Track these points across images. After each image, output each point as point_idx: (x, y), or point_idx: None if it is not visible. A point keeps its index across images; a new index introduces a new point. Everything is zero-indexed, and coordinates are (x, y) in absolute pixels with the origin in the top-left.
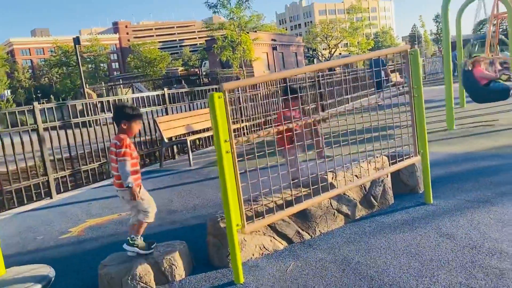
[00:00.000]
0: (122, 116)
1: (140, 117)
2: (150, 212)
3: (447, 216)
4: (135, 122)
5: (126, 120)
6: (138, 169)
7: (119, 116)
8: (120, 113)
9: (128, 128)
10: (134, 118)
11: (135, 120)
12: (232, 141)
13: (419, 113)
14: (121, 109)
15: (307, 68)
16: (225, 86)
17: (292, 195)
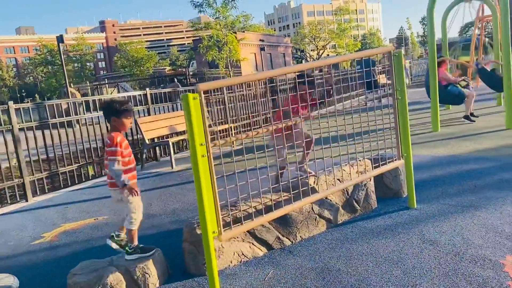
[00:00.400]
0: (111, 112)
1: (130, 112)
2: (134, 219)
3: (430, 221)
4: (125, 118)
5: (115, 116)
6: (132, 167)
7: (107, 112)
8: (109, 109)
9: (118, 124)
10: (123, 113)
11: (125, 115)
12: (209, 144)
13: (403, 116)
14: (109, 105)
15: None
16: (201, 87)
17: (272, 200)
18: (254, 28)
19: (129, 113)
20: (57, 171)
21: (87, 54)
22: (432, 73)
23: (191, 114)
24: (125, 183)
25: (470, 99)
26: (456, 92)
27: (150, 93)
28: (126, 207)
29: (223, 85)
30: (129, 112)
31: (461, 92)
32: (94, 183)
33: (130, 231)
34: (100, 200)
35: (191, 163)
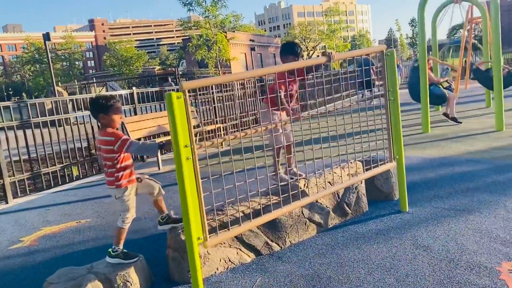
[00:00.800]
0: (98, 109)
1: (119, 108)
2: (127, 217)
3: (423, 226)
4: (114, 114)
5: (103, 113)
6: (129, 164)
7: (95, 109)
8: (96, 105)
9: (108, 121)
10: (111, 109)
11: (114, 111)
12: (194, 146)
13: (395, 117)
14: (96, 101)
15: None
16: (185, 85)
17: (260, 203)
18: (244, 28)
19: (118, 109)
20: (39, 172)
21: (76, 53)
22: (422, 74)
23: (174, 114)
24: (158, 145)
25: (452, 101)
26: (438, 93)
27: (137, 92)
28: (121, 205)
29: (208, 83)
30: (117, 108)
31: (443, 93)
32: (78, 184)
33: (120, 229)
34: (83, 202)
35: (175, 166)
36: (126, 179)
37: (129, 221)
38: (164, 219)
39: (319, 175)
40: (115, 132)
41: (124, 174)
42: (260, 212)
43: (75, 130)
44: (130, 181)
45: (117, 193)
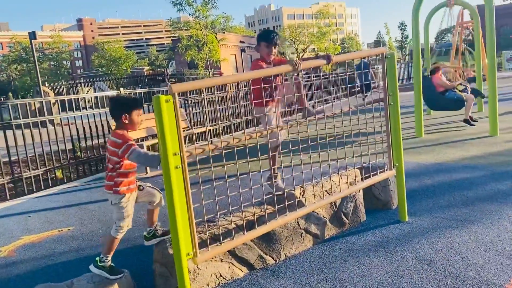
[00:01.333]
0: (121, 108)
1: (141, 110)
2: (122, 226)
3: (424, 237)
4: (136, 115)
5: (126, 112)
6: (131, 171)
7: (117, 108)
8: (118, 105)
9: (129, 122)
10: (134, 110)
11: (136, 113)
12: (184, 154)
13: (395, 123)
14: (119, 100)
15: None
16: (174, 88)
17: (254, 214)
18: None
19: (140, 111)
20: (20, 176)
21: (64, 52)
22: (416, 78)
23: (163, 119)
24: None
25: (470, 103)
26: (455, 97)
27: (124, 93)
28: (116, 213)
29: (200, 86)
30: (140, 109)
31: (460, 96)
32: (62, 189)
33: (112, 239)
34: (66, 209)
35: (163, 175)
36: (125, 186)
37: (123, 231)
38: (150, 233)
39: (316, 183)
40: (125, 135)
41: (124, 181)
42: (254, 223)
43: (60, 132)
44: (130, 189)
45: (114, 199)
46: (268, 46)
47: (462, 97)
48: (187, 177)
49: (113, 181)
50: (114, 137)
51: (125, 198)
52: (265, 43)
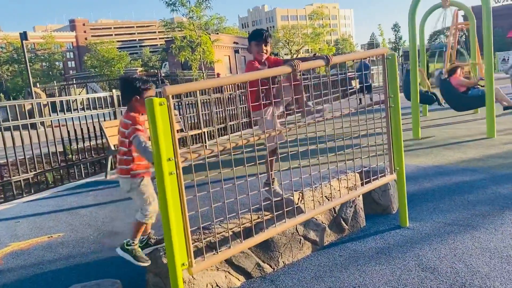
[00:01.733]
0: (133, 90)
1: (153, 91)
2: (149, 211)
3: (426, 243)
4: (147, 93)
5: (137, 95)
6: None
7: (128, 90)
8: (130, 86)
9: (140, 104)
10: (146, 93)
11: (147, 90)
12: (178, 159)
13: (396, 125)
14: (131, 82)
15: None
16: (168, 91)
17: (252, 221)
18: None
19: (152, 94)
20: (9, 180)
21: (56, 53)
22: (413, 76)
23: (156, 123)
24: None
25: (498, 93)
26: (480, 93)
27: (117, 94)
28: (139, 198)
29: (195, 88)
30: (152, 92)
31: (484, 91)
32: (52, 193)
33: (139, 224)
34: (56, 214)
35: (156, 182)
36: (143, 170)
37: (151, 216)
38: (143, 242)
39: (315, 188)
40: (136, 117)
41: (142, 164)
42: (251, 230)
43: (51, 134)
44: (148, 172)
45: (132, 183)
46: (258, 45)
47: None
48: (182, 183)
49: (129, 165)
50: (126, 118)
51: (145, 181)
52: (255, 42)
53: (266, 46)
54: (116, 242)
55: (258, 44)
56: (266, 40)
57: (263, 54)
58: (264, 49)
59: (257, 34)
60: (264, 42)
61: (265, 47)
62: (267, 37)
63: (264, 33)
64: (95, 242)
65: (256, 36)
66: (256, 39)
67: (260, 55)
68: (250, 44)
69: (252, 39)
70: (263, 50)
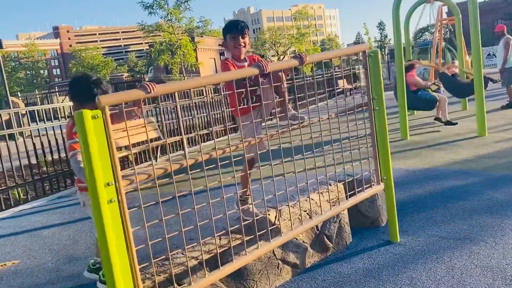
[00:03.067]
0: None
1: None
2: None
3: (420, 263)
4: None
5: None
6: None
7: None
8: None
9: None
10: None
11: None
12: (120, 183)
13: (381, 130)
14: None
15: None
16: (103, 100)
17: (217, 247)
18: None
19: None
20: None
21: (40, 61)
22: (399, 76)
23: (88, 141)
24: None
25: (443, 104)
26: (427, 97)
27: None
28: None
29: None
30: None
31: (432, 97)
32: (15, 212)
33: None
34: (15, 237)
35: (93, 213)
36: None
37: None
38: (95, 265)
39: (293, 203)
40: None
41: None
42: (217, 258)
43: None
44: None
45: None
46: (234, 37)
47: (435, 98)
48: (126, 212)
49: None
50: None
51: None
52: (230, 35)
53: (243, 38)
54: (76, 269)
55: (234, 37)
56: (243, 31)
57: (241, 48)
58: (242, 41)
59: (232, 25)
60: (241, 34)
61: (242, 39)
62: (243, 27)
63: (239, 23)
64: (52, 270)
65: (231, 28)
66: (231, 31)
67: (237, 49)
68: (226, 39)
69: (227, 32)
70: (240, 43)
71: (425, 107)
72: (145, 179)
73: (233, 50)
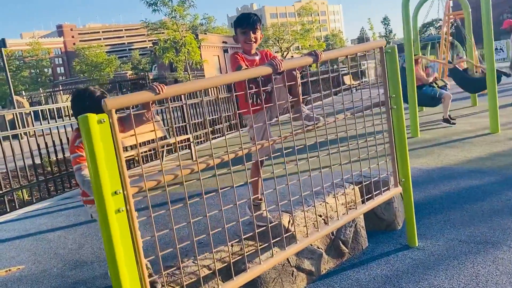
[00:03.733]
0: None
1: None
2: None
3: (441, 269)
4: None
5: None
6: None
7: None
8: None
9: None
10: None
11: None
12: (128, 191)
13: (399, 130)
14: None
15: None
16: (110, 104)
17: (230, 254)
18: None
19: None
20: None
21: (44, 60)
22: (409, 73)
23: (94, 147)
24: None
25: (447, 101)
26: (432, 93)
27: None
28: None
29: (147, 99)
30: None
31: (437, 93)
32: (20, 214)
33: None
34: (20, 240)
35: (99, 223)
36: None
37: None
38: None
39: (308, 207)
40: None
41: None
42: (230, 267)
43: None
44: None
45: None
46: (244, 32)
47: (439, 94)
48: (135, 222)
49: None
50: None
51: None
52: (241, 29)
53: (254, 33)
54: (82, 275)
55: (244, 32)
56: (254, 25)
57: (252, 44)
58: (252, 36)
59: (243, 19)
60: (252, 28)
61: (253, 34)
62: (255, 21)
63: (251, 17)
64: (58, 276)
65: (242, 22)
66: (242, 25)
67: (248, 44)
68: (236, 33)
69: (238, 26)
70: (251, 38)
71: (429, 103)
72: (155, 186)
73: (243, 44)
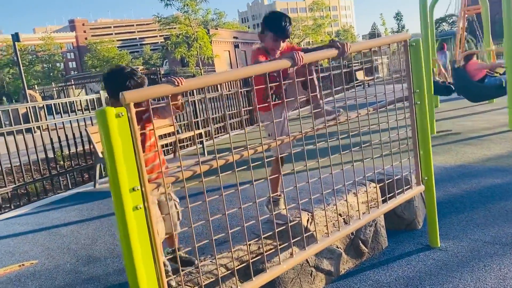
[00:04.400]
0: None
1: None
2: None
3: (466, 271)
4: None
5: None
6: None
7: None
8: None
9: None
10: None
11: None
12: (146, 188)
13: (423, 126)
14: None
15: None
16: (128, 97)
17: (249, 253)
18: (228, 25)
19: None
20: None
21: (56, 54)
22: (426, 66)
23: (112, 142)
24: None
25: None
26: (497, 83)
27: (106, 96)
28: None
29: (166, 92)
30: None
31: (502, 80)
32: (34, 208)
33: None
34: (34, 234)
35: (117, 221)
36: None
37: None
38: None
39: (327, 204)
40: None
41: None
42: (249, 267)
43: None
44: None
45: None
46: (275, 40)
47: (503, 81)
48: (153, 220)
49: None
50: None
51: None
52: (273, 35)
53: (283, 42)
54: (95, 271)
55: (276, 39)
56: (287, 35)
57: (277, 51)
58: (282, 45)
59: (281, 28)
60: (283, 38)
61: (283, 43)
62: (288, 32)
63: (286, 25)
64: (71, 271)
65: (277, 29)
66: (277, 32)
67: (273, 51)
68: (265, 33)
69: (271, 30)
70: (279, 46)
71: (496, 93)
72: (172, 182)
73: (269, 48)
